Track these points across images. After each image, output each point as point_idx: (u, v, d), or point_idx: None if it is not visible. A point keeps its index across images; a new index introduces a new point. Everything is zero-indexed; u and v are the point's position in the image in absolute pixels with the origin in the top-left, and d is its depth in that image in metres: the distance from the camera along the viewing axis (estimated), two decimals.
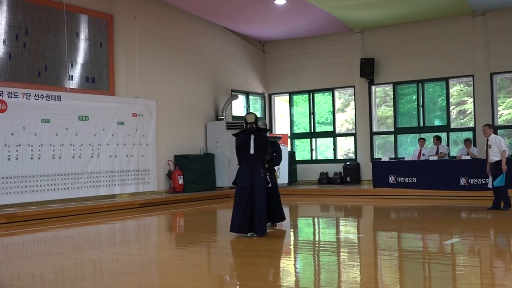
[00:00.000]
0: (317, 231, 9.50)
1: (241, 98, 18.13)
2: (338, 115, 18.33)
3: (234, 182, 8.27)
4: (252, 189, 7.93)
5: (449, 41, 16.05)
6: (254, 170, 7.99)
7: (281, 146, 9.70)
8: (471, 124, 16.02)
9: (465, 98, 16.66)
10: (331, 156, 18.24)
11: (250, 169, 7.99)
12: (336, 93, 18.25)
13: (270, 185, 9.35)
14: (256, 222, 7.91)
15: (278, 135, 16.05)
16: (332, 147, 18.20)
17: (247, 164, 8.03)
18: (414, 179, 13.66)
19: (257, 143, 8.04)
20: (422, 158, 14.10)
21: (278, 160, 9.35)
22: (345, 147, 18.45)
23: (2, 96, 11.41)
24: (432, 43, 16.28)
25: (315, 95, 18.56)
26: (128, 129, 13.96)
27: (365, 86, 17.28)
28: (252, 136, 8.05)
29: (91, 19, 13.65)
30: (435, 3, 14.67)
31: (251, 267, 6.26)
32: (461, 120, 16.71)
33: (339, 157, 18.13)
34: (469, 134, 15.90)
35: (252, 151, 8.00)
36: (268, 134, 8.81)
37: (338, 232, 9.08)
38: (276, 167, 9.80)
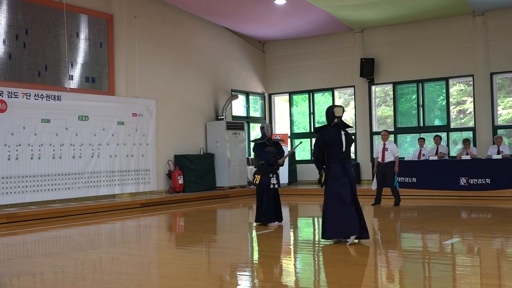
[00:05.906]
0: (317, 231, 9.51)
1: (241, 98, 18.13)
2: None
3: (324, 182, 7.45)
4: (351, 189, 7.35)
5: (449, 41, 16.04)
6: (346, 168, 7.35)
7: (282, 147, 9.71)
8: (471, 124, 16.01)
9: (465, 98, 16.66)
10: None
11: (342, 168, 7.34)
12: (336, 93, 18.24)
13: (278, 186, 9.33)
14: (364, 225, 7.30)
15: (279, 137, 16.05)
16: None
17: (337, 163, 7.34)
18: (414, 179, 13.69)
19: (347, 139, 7.41)
20: (422, 158, 14.11)
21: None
22: None
23: (2, 96, 11.41)
24: (432, 43, 16.27)
25: (315, 95, 18.56)
26: (128, 129, 13.96)
27: (365, 86, 17.28)
28: (343, 132, 7.40)
29: (91, 19, 13.65)
30: (435, 3, 14.66)
31: (251, 267, 6.26)
32: (461, 120, 16.70)
33: None
34: (469, 134, 15.89)
35: (344, 148, 7.37)
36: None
37: None
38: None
